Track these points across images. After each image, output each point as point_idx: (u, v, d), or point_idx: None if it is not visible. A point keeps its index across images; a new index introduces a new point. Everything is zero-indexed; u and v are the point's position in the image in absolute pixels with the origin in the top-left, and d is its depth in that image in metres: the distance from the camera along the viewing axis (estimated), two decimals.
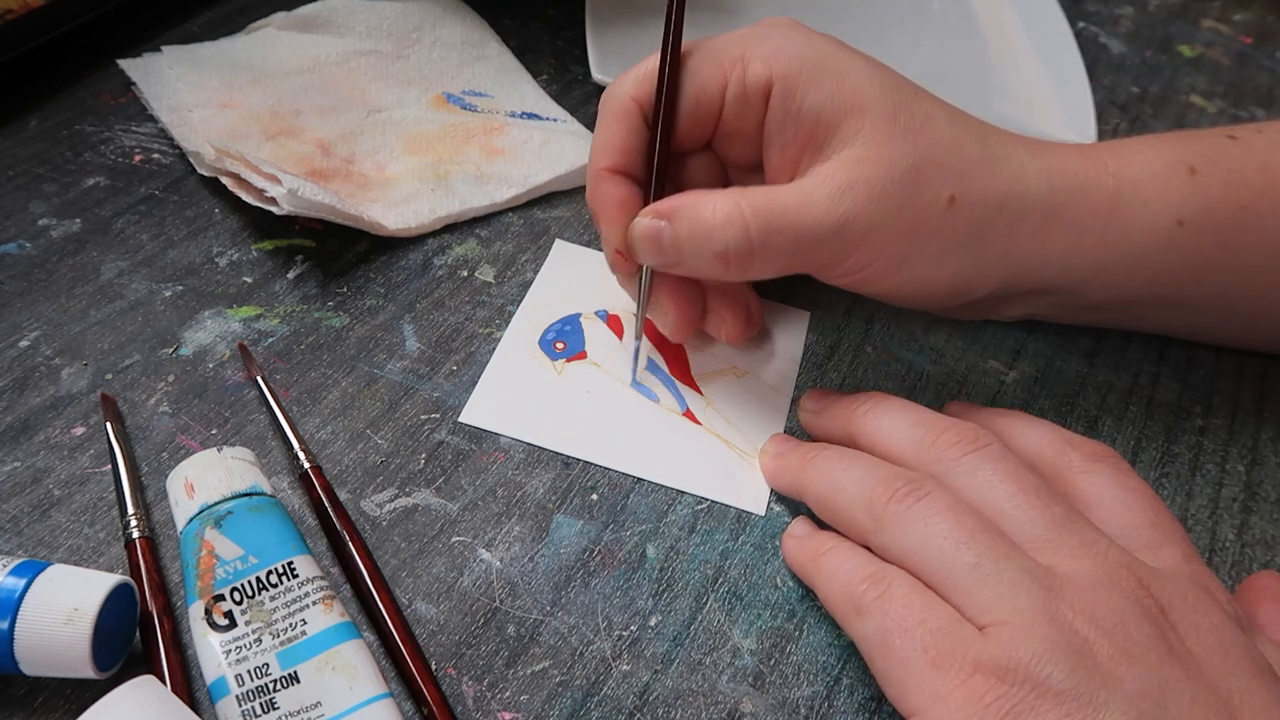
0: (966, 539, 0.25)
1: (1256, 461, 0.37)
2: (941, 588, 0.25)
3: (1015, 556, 0.25)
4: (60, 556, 0.30)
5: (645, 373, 0.37)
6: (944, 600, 0.25)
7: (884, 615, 0.25)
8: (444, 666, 0.28)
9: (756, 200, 0.32)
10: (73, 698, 0.27)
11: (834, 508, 0.29)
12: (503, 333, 0.38)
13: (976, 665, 0.24)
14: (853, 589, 0.27)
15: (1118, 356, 0.40)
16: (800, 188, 0.32)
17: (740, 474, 0.34)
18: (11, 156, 0.43)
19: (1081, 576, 0.25)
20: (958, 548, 0.25)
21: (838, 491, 0.29)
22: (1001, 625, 0.24)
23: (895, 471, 0.28)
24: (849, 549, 0.28)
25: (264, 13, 0.51)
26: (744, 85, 0.33)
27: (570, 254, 0.42)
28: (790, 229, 0.31)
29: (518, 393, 0.36)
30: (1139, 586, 0.25)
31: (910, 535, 0.26)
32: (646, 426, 0.35)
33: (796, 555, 0.31)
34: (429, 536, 0.32)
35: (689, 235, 0.32)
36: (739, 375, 0.38)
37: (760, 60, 0.33)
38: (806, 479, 0.31)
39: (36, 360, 0.35)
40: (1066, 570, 0.25)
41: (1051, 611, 0.24)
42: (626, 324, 0.39)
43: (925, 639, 0.25)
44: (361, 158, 0.44)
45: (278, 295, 0.38)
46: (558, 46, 0.54)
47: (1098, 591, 0.24)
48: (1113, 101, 0.55)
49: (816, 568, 0.29)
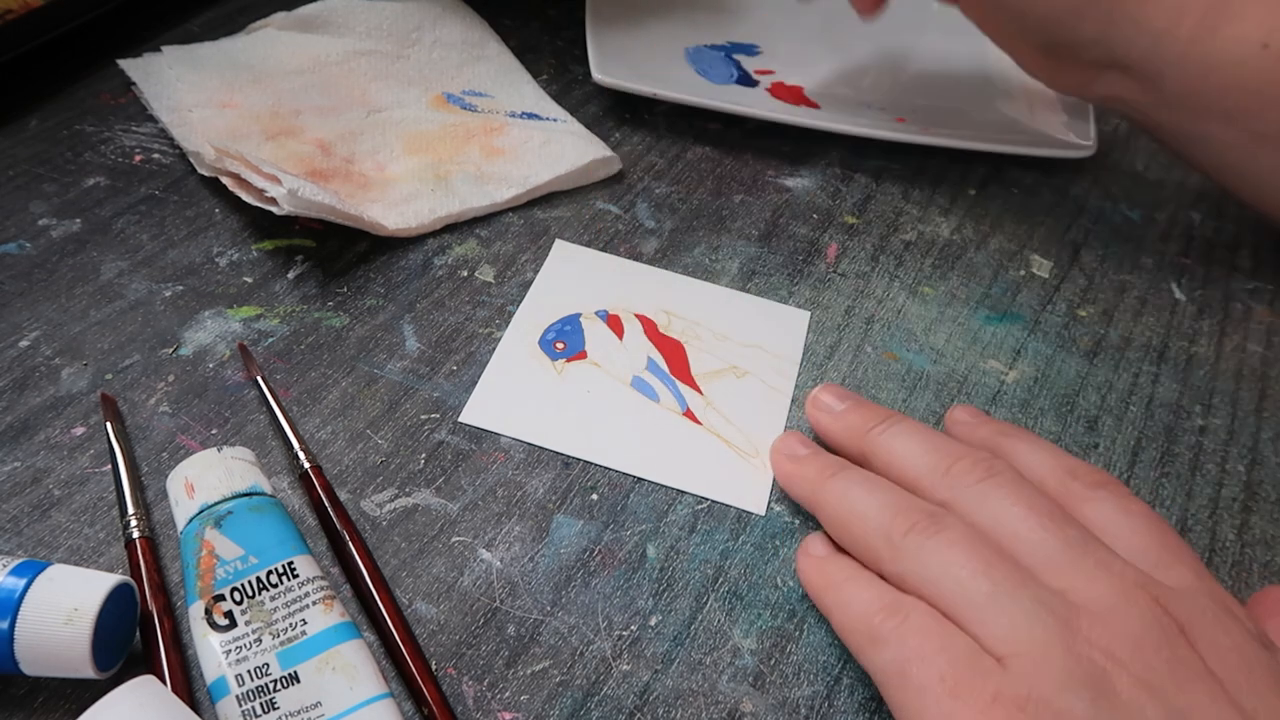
0: (983, 569, 0.25)
1: (1256, 461, 0.37)
2: (959, 618, 0.25)
3: (1031, 585, 0.25)
4: (60, 556, 0.30)
5: (645, 372, 0.37)
6: (962, 630, 0.25)
7: (901, 644, 0.25)
8: (444, 666, 0.28)
9: None
10: (73, 698, 0.27)
11: (851, 532, 0.29)
12: (503, 333, 0.38)
13: (996, 696, 0.23)
14: (870, 619, 0.26)
15: (1118, 356, 0.40)
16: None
17: (740, 473, 0.34)
18: (11, 156, 0.43)
19: (1098, 600, 0.25)
20: (974, 577, 0.25)
21: (856, 517, 0.29)
22: (1020, 656, 0.24)
23: (914, 502, 0.28)
24: (867, 579, 0.28)
25: (264, 13, 0.51)
26: None
27: (570, 254, 0.42)
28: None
29: (518, 393, 0.36)
30: (1156, 605, 0.25)
31: (928, 566, 0.26)
32: (647, 426, 0.35)
33: (814, 579, 0.30)
34: (429, 536, 0.32)
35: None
36: (739, 376, 0.38)
37: None
38: (824, 498, 0.31)
39: (36, 360, 0.35)
40: (1083, 593, 0.25)
41: (1068, 641, 0.24)
42: (627, 323, 0.39)
43: (944, 668, 0.24)
44: (361, 158, 0.44)
45: (278, 295, 0.38)
46: (558, 46, 0.54)
47: (1114, 616, 0.24)
48: None
49: (833, 596, 0.29)
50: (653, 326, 0.39)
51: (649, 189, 0.46)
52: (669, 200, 0.45)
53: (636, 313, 0.39)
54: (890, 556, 0.27)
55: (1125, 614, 0.24)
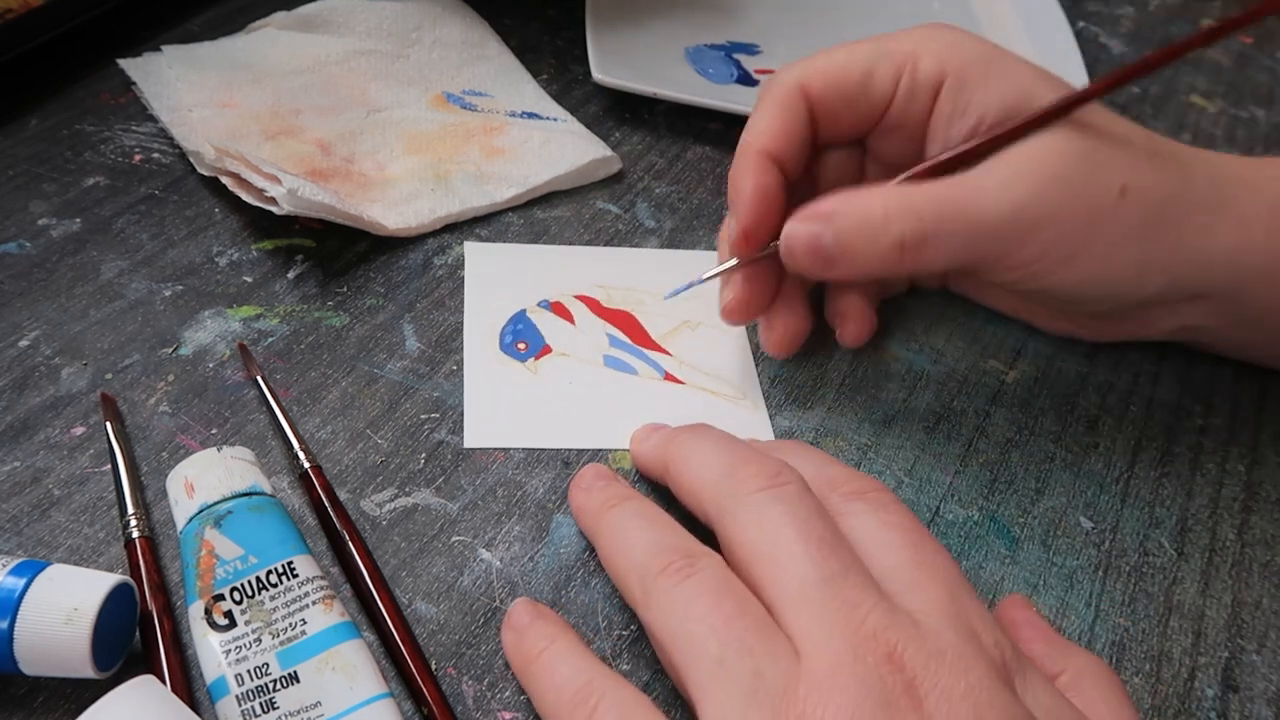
0: (720, 625, 0.24)
1: (1256, 461, 0.37)
2: (684, 679, 0.24)
3: (759, 652, 0.23)
4: (60, 556, 0.30)
5: (612, 349, 0.38)
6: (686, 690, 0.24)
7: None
8: (444, 666, 0.28)
9: (927, 190, 0.32)
10: (73, 698, 0.27)
11: (615, 570, 0.28)
12: None
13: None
14: (560, 709, 0.25)
15: (1118, 356, 0.40)
16: (969, 178, 0.32)
17: (738, 419, 0.35)
18: (11, 156, 0.43)
19: (825, 657, 0.23)
20: (707, 636, 0.24)
21: (621, 554, 0.28)
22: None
23: (674, 543, 0.27)
24: (563, 650, 0.27)
25: (264, 12, 0.51)
26: (915, 80, 0.34)
27: (486, 253, 0.41)
28: (964, 216, 0.32)
29: (505, 404, 0.36)
30: (887, 661, 0.23)
31: (669, 617, 0.25)
32: (636, 400, 0.36)
33: (513, 656, 0.28)
34: (429, 536, 0.32)
35: (857, 231, 0.32)
36: (693, 328, 0.39)
37: (932, 56, 0.34)
38: (600, 530, 0.29)
39: (36, 360, 0.35)
40: (814, 642, 0.23)
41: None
42: (571, 307, 0.39)
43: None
44: (361, 157, 0.44)
45: (278, 295, 0.38)
46: (558, 46, 0.54)
47: (834, 683, 0.23)
48: (1113, 101, 0.55)
49: (530, 675, 0.27)
50: (596, 304, 0.39)
51: (649, 188, 0.46)
52: (669, 200, 0.45)
53: (576, 294, 0.40)
54: (642, 601, 0.26)
55: (845, 681, 0.22)
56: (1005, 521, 0.34)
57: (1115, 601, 0.32)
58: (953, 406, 0.37)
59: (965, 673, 0.23)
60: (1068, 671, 0.27)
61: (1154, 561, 0.33)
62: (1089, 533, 0.34)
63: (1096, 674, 0.27)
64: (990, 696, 0.23)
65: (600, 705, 0.24)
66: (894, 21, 0.57)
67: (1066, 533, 0.34)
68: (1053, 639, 0.28)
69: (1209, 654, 0.31)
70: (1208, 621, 0.32)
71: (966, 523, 0.34)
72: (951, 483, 0.35)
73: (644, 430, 0.34)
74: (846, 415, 0.37)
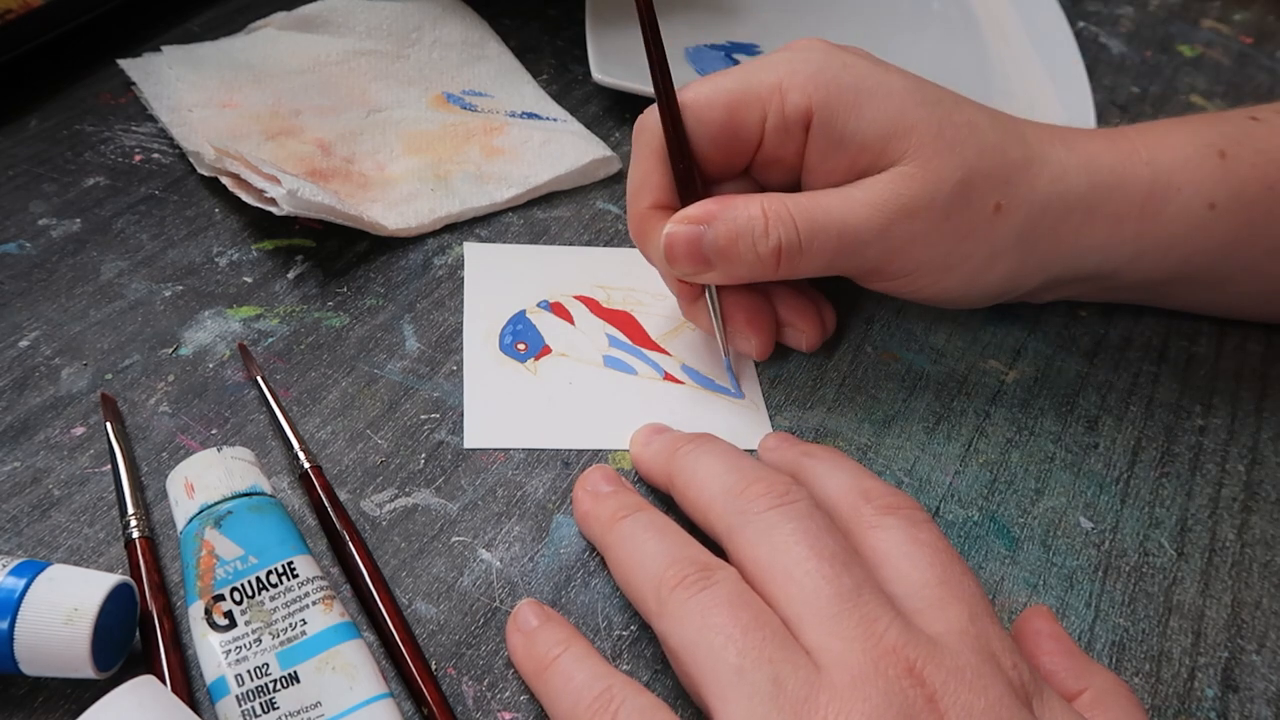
0: (738, 635, 0.24)
1: (1256, 461, 0.37)
2: (702, 692, 0.24)
3: (778, 660, 0.23)
4: (60, 556, 0.30)
5: (612, 349, 0.38)
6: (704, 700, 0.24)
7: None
8: (444, 666, 0.28)
9: (801, 200, 0.32)
10: (73, 698, 0.27)
11: (629, 581, 0.28)
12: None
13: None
14: (578, 715, 0.25)
15: (1118, 356, 0.40)
16: (845, 192, 0.33)
17: (736, 419, 0.36)
18: (11, 156, 0.43)
19: (846, 668, 0.23)
20: (725, 646, 0.24)
21: (635, 565, 0.27)
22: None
23: (691, 554, 0.27)
24: (578, 656, 0.26)
25: (264, 13, 0.51)
26: (784, 116, 0.33)
27: (486, 254, 0.41)
28: (834, 228, 0.32)
29: (505, 404, 0.36)
30: (907, 675, 0.23)
31: (686, 628, 0.25)
32: (636, 400, 0.36)
33: (523, 662, 0.28)
34: (429, 536, 0.32)
35: (736, 235, 0.32)
36: (693, 328, 0.39)
37: (798, 90, 0.33)
38: (611, 540, 0.29)
39: (36, 360, 0.35)
40: (834, 656, 0.23)
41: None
42: (571, 308, 0.39)
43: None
44: (361, 158, 0.44)
45: (278, 295, 0.38)
46: (558, 46, 0.54)
47: (855, 693, 0.23)
48: (1113, 101, 0.55)
49: (544, 681, 0.27)
50: (595, 304, 0.39)
51: None
52: None
53: (575, 295, 0.40)
54: (657, 612, 0.26)
55: (867, 691, 0.23)
56: (1005, 522, 0.34)
57: (1115, 602, 0.32)
58: (953, 407, 0.37)
59: (985, 691, 0.23)
60: (1089, 691, 0.26)
61: (1154, 562, 0.33)
62: (1089, 533, 0.34)
63: (1117, 695, 0.26)
64: (1011, 714, 0.23)
65: (620, 711, 0.24)
66: (894, 21, 0.57)
67: (1066, 533, 0.34)
68: (1074, 654, 0.28)
69: (1209, 654, 0.31)
70: (1207, 622, 0.32)
71: (966, 523, 0.34)
72: (951, 483, 0.35)
73: (644, 432, 0.34)
74: (846, 415, 0.37)
